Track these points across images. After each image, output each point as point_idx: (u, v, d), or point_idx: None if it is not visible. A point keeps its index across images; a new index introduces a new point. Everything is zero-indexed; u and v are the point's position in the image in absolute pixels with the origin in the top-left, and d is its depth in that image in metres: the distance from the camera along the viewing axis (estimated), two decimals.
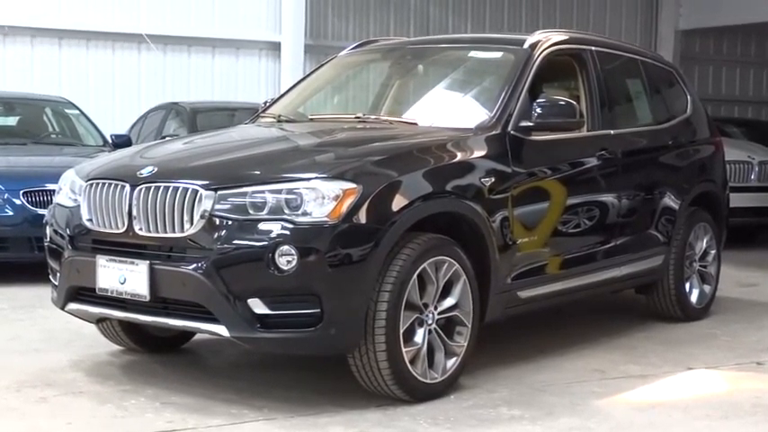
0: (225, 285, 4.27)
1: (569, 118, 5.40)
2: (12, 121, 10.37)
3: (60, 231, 4.96)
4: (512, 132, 5.25)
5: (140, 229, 4.53)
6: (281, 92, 7.20)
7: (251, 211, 4.34)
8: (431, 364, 4.65)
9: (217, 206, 4.37)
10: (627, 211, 6.16)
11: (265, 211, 4.32)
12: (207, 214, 4.36)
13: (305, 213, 4.29)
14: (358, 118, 5.65)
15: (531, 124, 5.31)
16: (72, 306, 4.91)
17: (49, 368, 5.20)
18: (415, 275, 4.50)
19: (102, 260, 4.63)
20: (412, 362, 4.53)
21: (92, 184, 4.80)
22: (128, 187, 4.60)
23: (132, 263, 4.50)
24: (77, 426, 4.23)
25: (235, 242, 4.32)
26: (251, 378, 5.11)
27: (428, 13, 14.56)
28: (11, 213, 7.97)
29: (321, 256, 4.24)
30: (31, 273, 7.53)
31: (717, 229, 7.18)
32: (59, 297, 4.97)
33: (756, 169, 11.24)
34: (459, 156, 4.98)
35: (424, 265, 4.55)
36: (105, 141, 9.77)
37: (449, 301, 4.73)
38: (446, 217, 4.82)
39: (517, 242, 5.15)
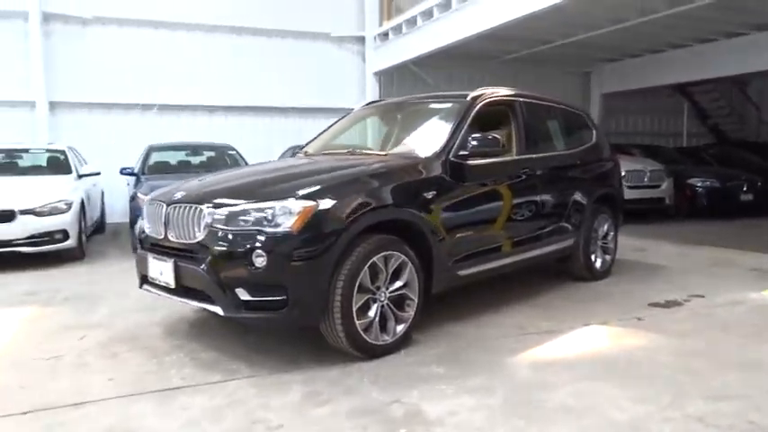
0: (219, 278, 3.12)
1: (494, 147, 4.03)
2: (204, 158, 9.54)
3: (138, 236, 3.88)
4: (452, 159, 3.92)
5: (171, 236, 3.41)
6: None
7: (240, 224, 3.16)
8: (384, 329, 3.39)
9: (215, 219, 3.21)
10: (547, 209, 4.74)
11: (249, 224, 3.14)
12: (208, 226, 3.21)
13: (276, 225, 3.10)
14: (349, 151, 4.38)
15: (466, 152, 3.98)
16: (144, 287, 3.80)
17: (137, 326, 4.11)
18: (366, 267, 3.25)
19: (150, 257, 3.54)
20: (366, 330, 3.29)
21: (149, 204, 3.71)
22: (164, 206, 3.49)
23: (164, 260, 3.40)
24: (117, 381, 3.13)
25: (226, 247, 3.14)
26: (249, 344, 3.81)
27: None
28: None
29: (285, 257, 3.04)
30: None
31: (614, 217, 5.66)
32: (139, 280, 3.89)
33: (648, 174, 9.97)
34: (407, 177, 3.66)
35: (374, 259, 3.29)
36: None
37: (398, 283, 3.45)
38: (398, 221, 3.51)
39: (455, 236, 3.81)
